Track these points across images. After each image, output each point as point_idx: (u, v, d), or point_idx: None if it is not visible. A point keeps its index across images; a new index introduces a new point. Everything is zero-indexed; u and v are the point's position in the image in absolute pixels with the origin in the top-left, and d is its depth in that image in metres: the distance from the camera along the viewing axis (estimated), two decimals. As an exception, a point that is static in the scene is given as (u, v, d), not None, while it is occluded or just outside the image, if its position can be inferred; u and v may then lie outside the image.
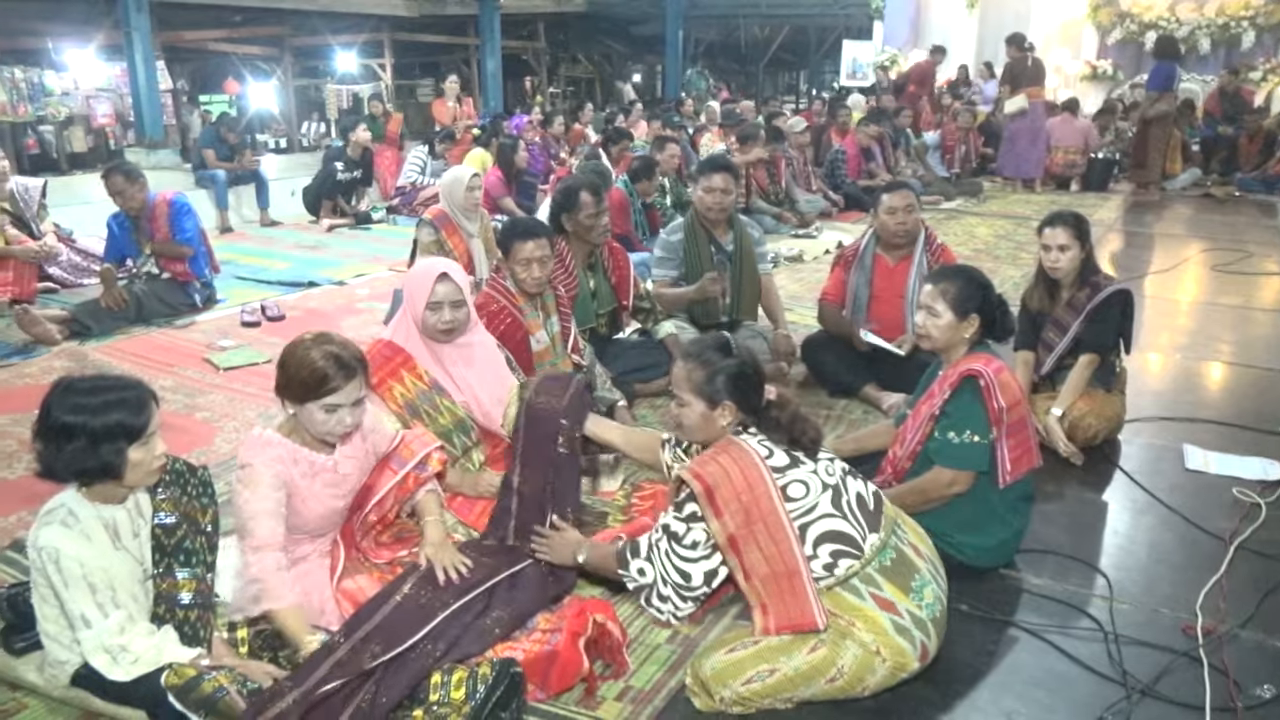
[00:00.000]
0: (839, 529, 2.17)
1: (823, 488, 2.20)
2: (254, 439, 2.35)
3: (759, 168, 8.38)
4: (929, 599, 2.21)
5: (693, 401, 2.28)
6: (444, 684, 2.09)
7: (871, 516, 2.23)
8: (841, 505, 2.20)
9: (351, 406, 2.32)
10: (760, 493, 2.14)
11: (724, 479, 2.15)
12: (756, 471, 2.16)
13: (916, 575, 2.22)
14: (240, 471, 2.31)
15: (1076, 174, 11.23)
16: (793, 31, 22.64)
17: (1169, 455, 3.68)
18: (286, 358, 2.31)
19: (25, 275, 5.76)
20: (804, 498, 2.18)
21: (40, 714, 2.16)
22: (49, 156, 11.47)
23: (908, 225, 4.06)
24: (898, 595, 2.17)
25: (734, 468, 2.16)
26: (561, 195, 4.08)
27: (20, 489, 3.29)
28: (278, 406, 2.39)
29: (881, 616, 2.14)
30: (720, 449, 2.23)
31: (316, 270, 6.81)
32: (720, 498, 2.13)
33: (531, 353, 3.48)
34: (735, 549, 2.15)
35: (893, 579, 2.18)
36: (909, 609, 2.17)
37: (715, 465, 2.17)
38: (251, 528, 2.25)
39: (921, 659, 2.19)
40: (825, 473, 2.23)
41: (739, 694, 2.14)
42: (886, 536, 2.21)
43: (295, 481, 2.33)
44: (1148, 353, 4.99)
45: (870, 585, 2.16)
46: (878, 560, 2.17)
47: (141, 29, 9.77)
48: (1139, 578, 2.80)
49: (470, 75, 16.28)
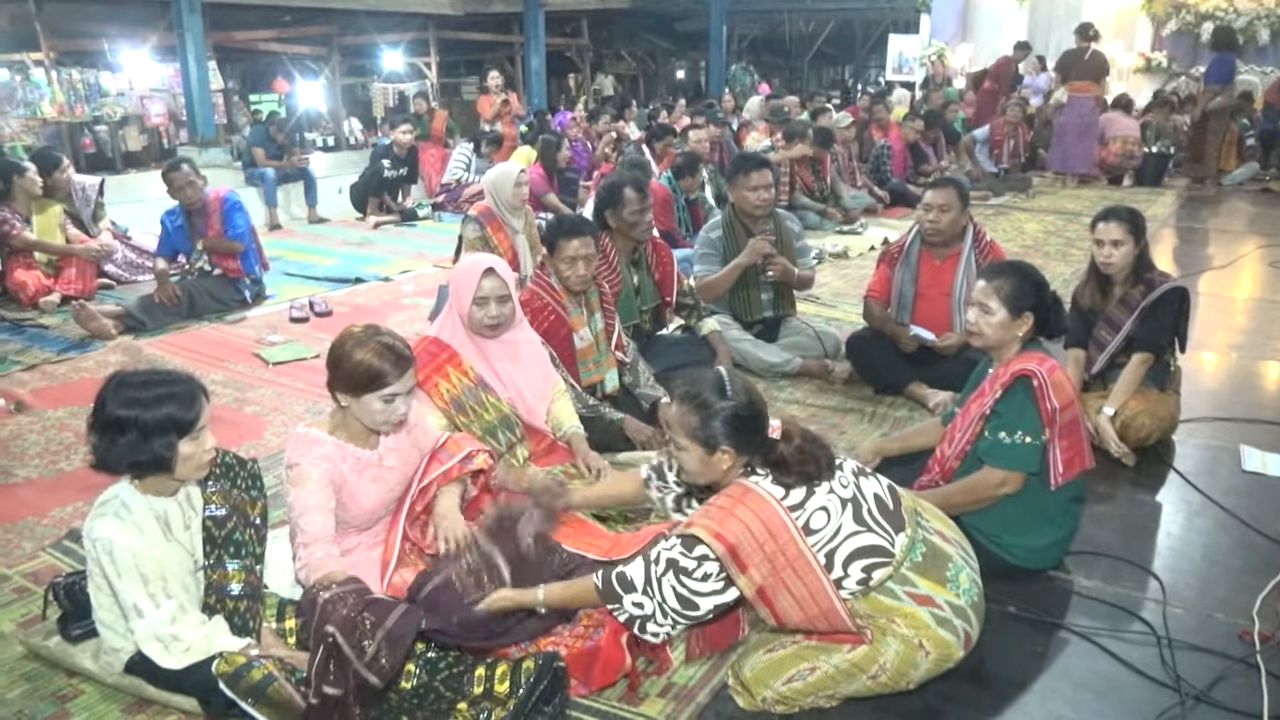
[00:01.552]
0: (867, 543, 2.06)
1: (842, 505, 2.06)
2: (300, 437, 2.38)
3: (804, 164, 8.31)
4: (965, 584, 2.16)
5: (689, 446, 2.11)
6: (488, 678, 2.11)
7: (893, 516, 2.13)
8: (864, 517, 2.08)
9: (405, 396, 2.35)
10: (784, 540, 2.00)
11: (745, 535, 1.98)
12: (777, 519, 2.01)
13: (950, 564, 2.16)
14: (289, 471, 2.34)
15: (1132, 166, 10.99)
16: (838, 26, 22.45)
17: (1225, 456, 3.59)
18: (338, 353, 2.33)
19: (86, 273, 5.92)
20: (826, 525, 2.04)
21: (95, 700, 2.21)
22: (104, 156, 11.72)
23: (940, 224, 3.99)
24: (935, 588, 2.11)
25: (753, 520, 1.99)
26: (606, 192, 4.09)
27: (76, 480, 3.37)
28: (326, 401, 2.42)
29: (920, 611, 2.09)
30: (734, 499, 2.04)
31: (363, 266, 6.89)
32: (744, 553, 1.98)
33: (575, 350, 3.49)
34: (765, 599, 2.02)
35: (927, 573, 2.12)
36: (948, 600, 2.12)
37: (735, 522, 1.99)
38: (303, 525, 2.29)
39: (965, 647, 2.14)
40: (840, 486, 2.09)
41: (780, 693, 2.13)
42: (913, 531, 2.13)
43: (343, 477, 2.36)
44: (1203, 351, 4.88)
45: (905, 585, 2.10)
46: (909, 558, 2.11)
47: (194, 30, 9.93)
48: (1193, 581, 2.74)
49: (514, 73, 16.36)
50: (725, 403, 2.08)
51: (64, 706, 2.19)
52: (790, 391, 4.23)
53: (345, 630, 1.97)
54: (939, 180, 4.30)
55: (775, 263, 4.39)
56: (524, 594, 2.20)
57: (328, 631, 1.97)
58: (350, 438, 2.41)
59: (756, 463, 2.10)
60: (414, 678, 2.14)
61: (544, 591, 2.19)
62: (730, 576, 2.00)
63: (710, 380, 2.14)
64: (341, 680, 1.96)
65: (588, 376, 3.53)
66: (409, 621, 2.05)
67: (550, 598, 2.19)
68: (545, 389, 3.15)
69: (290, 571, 2.55)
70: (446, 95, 16.84)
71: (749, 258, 4.30)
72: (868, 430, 3.81)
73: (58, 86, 10.80)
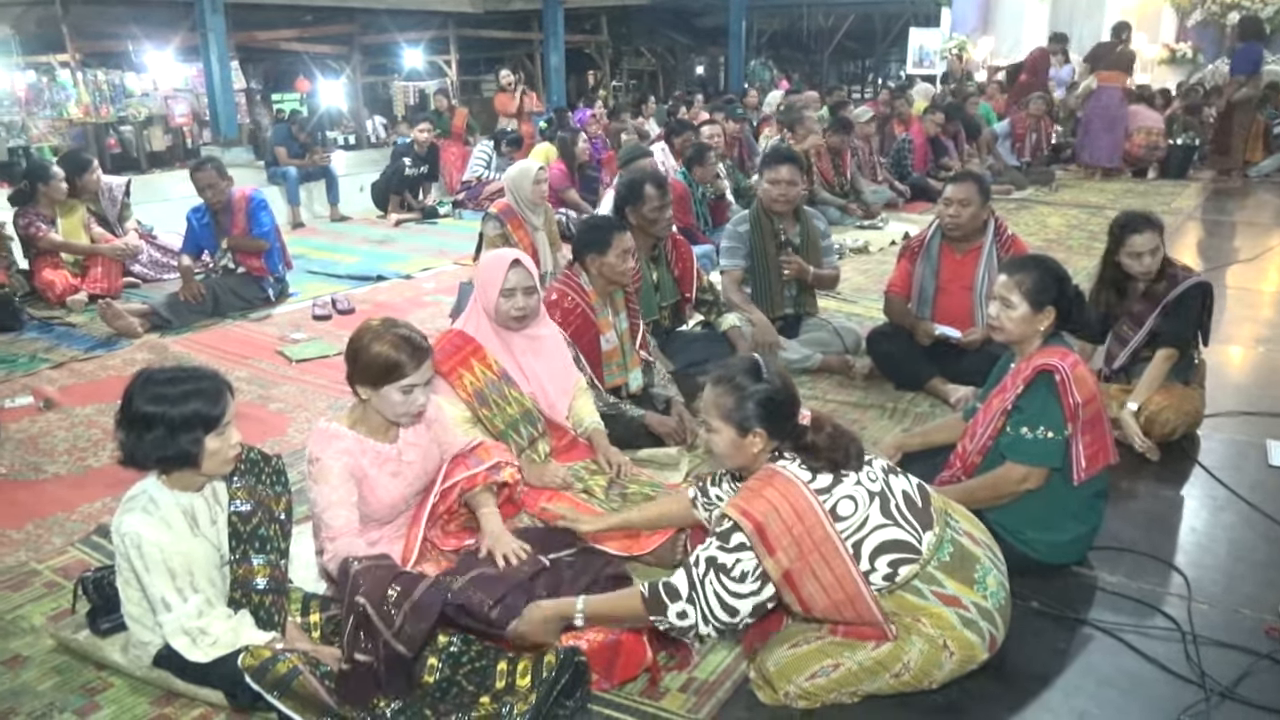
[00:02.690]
0: (894, 537, 2.07)
1: (869, 497, 2.08)
2: (320, 432, 2.41)
3: (823, 158, 8.28)
4: (993, 587, 2.16)
5: (722, 428, 2.15)
6: (510, 672, 2.12)
7: (922, 514, 2.13)
8: (891, 511, 2.09)
9: (424, 386, 2.38)
10: (811, 522, 2.02)
11: (773, 514, 2.01)
12: (804, 500, 2.04)
13: (978, 565, 2.15)
14: (310, 466, 2.37)
15: (1157, 158, 10.87)
16: (858, 20, 22.34)
17: (1251, 451, 3.56)
18: (356, 346, 2.37)
19: (112, 272, 5.99)
20: (854, 514, 2.05)
21: (124, 692, 2.25)
22: (129, 156, 11.83)
23: (960, 219, 3.98)
24: (961, 589, 2.11)
25: (781, 501, 2.03)
26: (626, 188, 4.09)
27: (104, 476, 3.42)
28: (348, 398, 2.45)
29: (947, 612, 2.09)
30: (763, 481, 2.08)
31: (385, 264, 6.93)
32: (772, 534, 2.00)
33: (601, 352, 3.50)
34: (791, 584, 2.03)
35: (954, 573, 2.12)
36: (974, 601, 2.11)
37: (762, 501, 2.03)
38: (327, 519, 2.33)
39: (990, 649, 2.14)
40: (869, 480, 2.10)
41: (803, 689, 2.13)
42: (941, 531, 2.13)
43: (364, 470, 2.39)
44: (1229, 345, 4.83)
45: (932, 584, 2.09)
46: (937, 557, 2.10)
47: (217, 30, 10.01)
48: (1219, 577, 2.72)
49: (534, 70, 16.39)
50: (759, 386, 2.13)
51: (93, 699, 2.23)
52: (811, 387, 4.22)
53: (374, 601, 2.02)
54: (959, 175, 4.27)
55: (790, 261, 4.39)
56: (562, 604, 2.18)
57: (358, 602, 2.02)
58: (370, 432, 2.43)
59: (786, 448, 2.13)
60: (437, 671, 2.16)
61: (583, 602, 2.16)
62: (761, 564, 2.02)
63: (745, 364, 2.20)
64: (372, 649, 2.01)
65: (611, 379, 3.54)
66: (436, 594, 2.08)
67: (591, 609, 2.15)
68: (567, 384, 3.16)
69: (314, 566, 2.58)
70: (466, 93, 16.88)
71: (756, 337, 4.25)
72: (889, 426, 3.80)
73: (83, 88, 10.90)
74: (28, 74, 11.08)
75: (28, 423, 3.96)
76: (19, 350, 4.96)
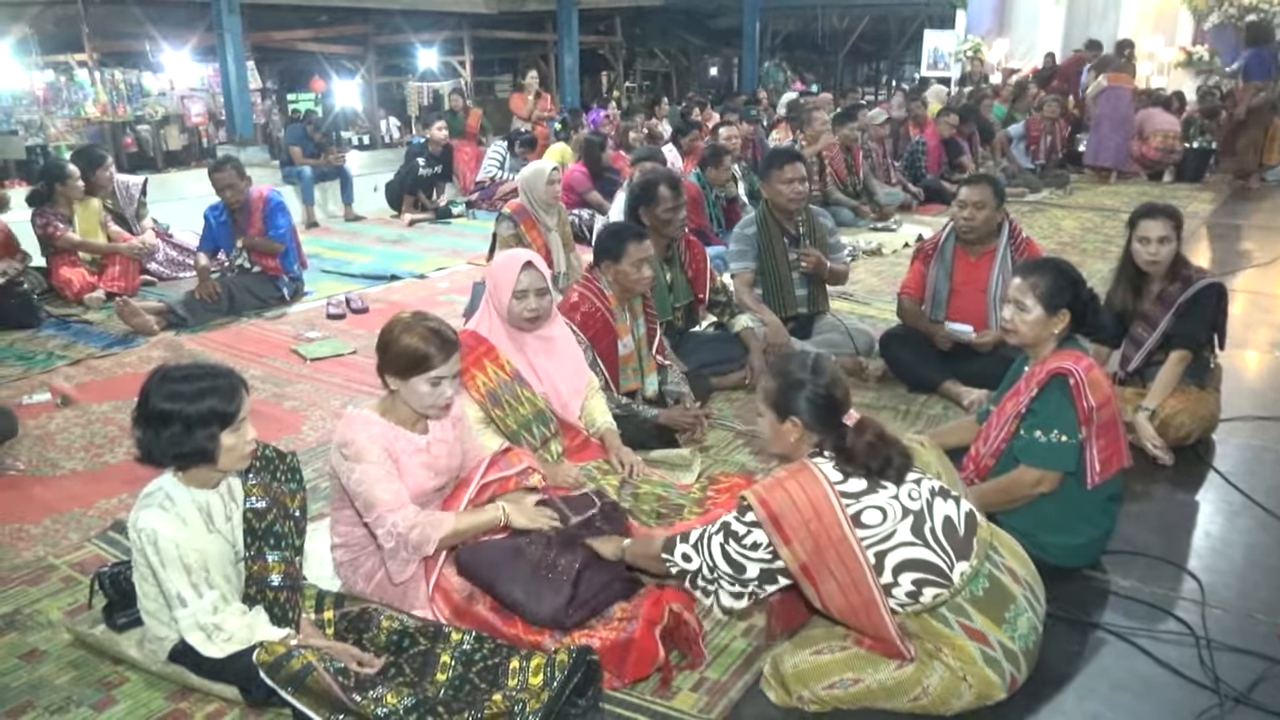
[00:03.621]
0: (921, 557, 2.03)
1: (903, 514, 2.04)
2: (353, 417, 2.41)
3: (836, 158, 8.27)
4: (1023, 629, 2.11)
5: (766, 412, 2.22)
6: (522, 669, 2.13)
7: (961, 543, 2.08)
8: (924, 532, 2.05)
9: (452, 379, 2.40)
10: (829, 520, 2.01)
11: (789, 506, 2.03)
12: (825, 499, 2.03)
13: (1012, 605, 2.10)
14: (345, 449, 2.35)
15: (1173, 162, 10.81)
16: (873, 21, 22.29)
17: (1267, 456, 3.54)
18: (387, 338, 2.39)
19: (129, 270, 6.03)
20: (880, 525, 2.03)
21: (140, 687, 2.26)
22: (146, 155, 11.92)
23: (974, 222, 3.97)
24: (989, 626, 2.06)
25: (800, 494, 2.04)
26: (640, 189, 4.10)
27: (121, 472, 3.44)
28: (362, 396, 2.46)
29: (971, 646, 2.05)
30: (790, 473, 2.11)
31: (398, 264, 6.96)
32: (788, 525, 2.02)
33: (618, 356, 3.51)
34: (809, 577, 2.04)
35: (985, 610, 2.07)
36: (1001, 640, 2.06)
37: (781, 491, 2.06)
38: (375, 497, 2.31)
39: (1009, 689, 2.10)
40: (908, 497, 2.07)
41: (819, 696, 2.13)
42: (979, 564, 2.08)
43: (396, 455, 2.39)
44: (1245, 350, 4.80)
45: (960, 615, 2.05)
46: (969, 590, 2.06)
47: (233, 30, 10.07)
48: (1233, 581, 2.71)
49: (548, 71, 16.41)
50: (805, 376, 2.17)
51: (109, 693, 2.24)
52: (823, 389, 4.21)
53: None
54: (974, 177, 4.27)
55: (808, 254, 4.39)
56: (605, 543, 2.41)
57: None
58: (400, 422, 2.44)
59: (826, 445, 2.15)
60: (449, 669, 2.17)
61: (628, 541, 2.40)
62: (776, 548, 2.04)
63: (800, 357, 2.27)
64: None
65: (626, 383, 3.55)
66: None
67: (631, 550, 2.37)
68: (580, 385, 3.17)
69: (328, 563, 2.60)
70: (480, 93, 16.93)
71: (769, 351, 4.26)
72: (902, 428, 3.79)
73: (101, 87, 10.99)
74: (46, 73, 11.17)
75: (45, 419, 3.99)
76: (37, 347, 5.00)
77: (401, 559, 2.34)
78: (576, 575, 2.33)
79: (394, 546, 2.32)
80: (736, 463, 3.48)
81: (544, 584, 2.31)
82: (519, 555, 2.37)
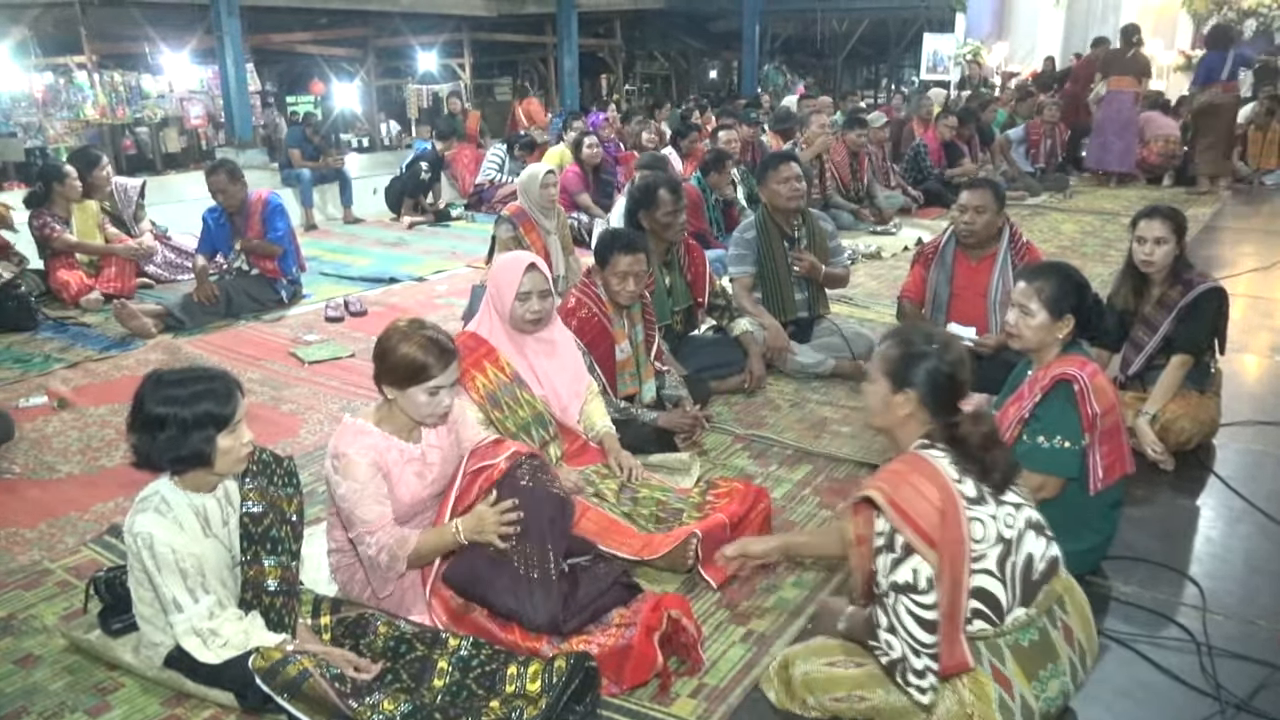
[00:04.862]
0: (990, 589, 1.92)
1: (996, 539, 1.92)
2: (347, 427, 2.40)
3: (842, 163, 8.27)
4: (1052, 692, 1.98)
5: (879, 379, 2.08)
6: (519, 676, 2.12)
7: (1030, 588, 1.97)
8: (1005, 566, 1.94)
9: (450, 388, 2.38)
10: (951, 519, 1.88)
11: (916, 497, 1.88)
12: (952, 499, 1.89)
13: (1052, 664, 1.98)
14: (336, 461, 2.34)
15: (1173, 166, 10.80)
16: (872, 25, 22.28)
17: (1268, 461, 3.53)
18: (384, 346, 2.36)
19: (125, 272, 6.02)
20: (980, 542, 1.90)
21: (136, 693, 2.25)
22: (145, 157, 11.93)
23: (975, 226, 3.97)
24: (1019, 678, 1.95)
25: (927, 486, 1.90)
26: (640, 192, 4.09)
27: (117, 476, 3.43)
28: (360, 400, 2.44)
29: (992, 687, 1.93)
30: (909, 466, 1.95)
31: (397, 266, 6.95)
32: (925, 523, 1.86)
33: (615, 361, 3.50)
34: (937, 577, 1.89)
35: (1022, 661, 1.95)
36: (1025, 694, 1.94)
37: (907, 488, 1.89)
38: (359, 514, 2.31)
39: None
40: (1005, 524, 1.95)
41: (823, 705, 2.10)
42: (1037, 615, 1.97)
43: (388, 467, 2.38)
44: (1245, 354, 4.79)
45: (995, 656, 1.94)
46: (1015, 636, 1.95)
47: (232, 32, 10.06)
48: (1234, 588, 2.70)
49: (547, 74, 16.42)
50: (930, 349, 2.05)
51: (105, 699, 2.23)
52: (824, 392, 4.21)
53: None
54: (975, 181, 4.26)
55: (801, 258, 4.39)
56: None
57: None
58: (395, 430, 2.42)
59: (937, 434, 2.02)
60: (446, 675, 2.16)
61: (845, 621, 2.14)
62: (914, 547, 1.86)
63: (925, 329, 2.16)
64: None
65: (624, 389, 3.54)
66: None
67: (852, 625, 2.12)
68: (579, 388, 3.16)
69: (325, 568, 2.59)
70: (479, 96, 16.93)
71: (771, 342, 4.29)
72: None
73: (100, 89, 10.99)
74: (45, 75, 11.17)
75: (42, 422, 3.98)
76: (34, 350, 4.99)
77: (379, 576, 2.36)
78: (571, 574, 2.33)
79: (370, 566, 2.35)
80: (735, 466, 3.47)
81: (532, 586, 2.29)
82: (498, 563, 2.33)
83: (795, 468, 3.48)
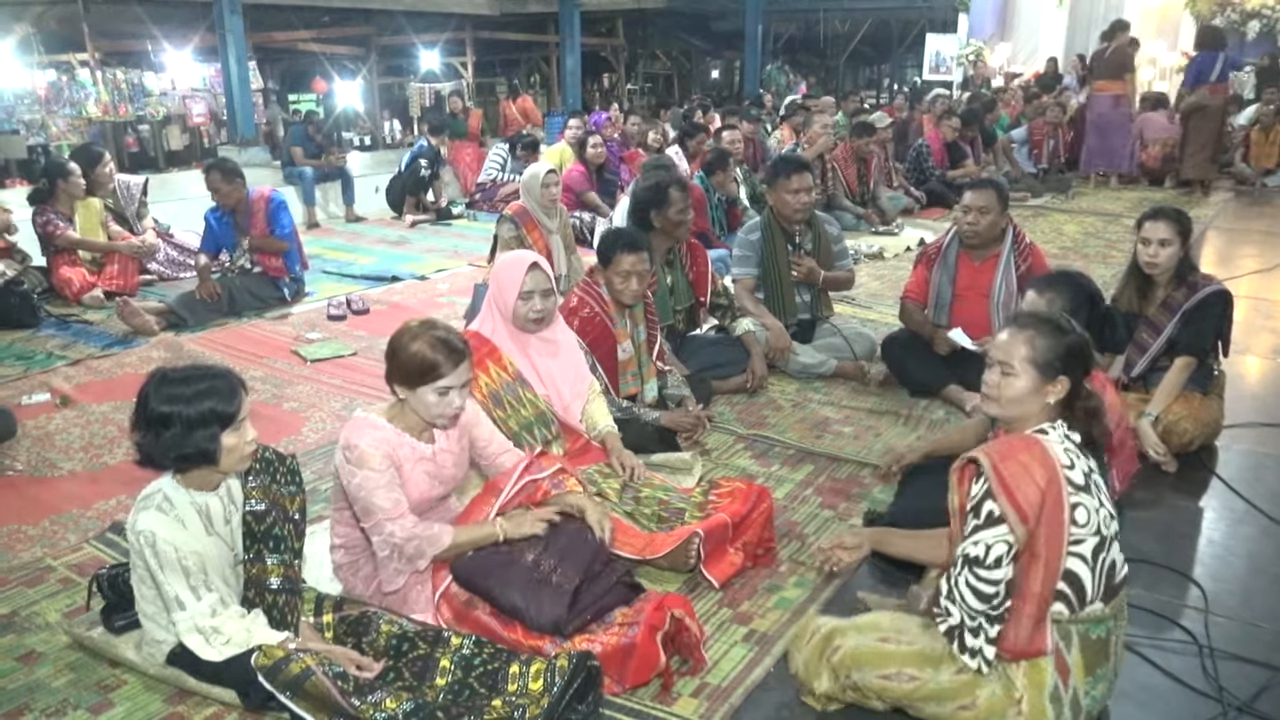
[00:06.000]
0: (1080, 574, 1.93)
1: (1095, 531, 1.94)
2: (358, 421, 2.39)
3: (849, 168, 8.26)
4: (1099, 694, 2.00)
5: (1024, 371, 2.03)
6: (522, 675, 2.12)
7: (1113, 588, 1.99)
8: (1099, 559, 1.95)
9: (460, 389, 2.37)
10: (1053, 501, 1.89)
11: (1021, 473, 1.90)
12: (1056, 483, 1.91)
13: (1104, 666, 2.00)
14: (348, 453, 2.32)
15: (1175, 167, 10.79)
16: (875, 25, 22.31)
17: (1270, 463, 3.53)
18: (395, 345, 2.36)
19: (128, 269, 6.02)
20: (1084, 527, 1.92)
21: (138, 690, 2.25)
22: (147, 154, 11.95)
23: (978, 226, 3.96)
24: (1079, 669, 1.95)
25: (1035, 467, 1.91)
26: (649, 192, 4.09)
27: (119, 473, 3.43)
28: (363, 399, 2.44)
29: (1050, 674, 1.93)
30: (1022, 443, 1.97)
31: (400, 265, 6.95)
32: (1022, 497, 1.88)
33: (617, 361, 3.50)
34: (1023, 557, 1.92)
35: (1086, 653, 1.96)
36: (1078, 687, 1.95)
37: (1015, 463, 1.91)
38: (374, 504, 2.30)
39: None
40: (1104, 523, 1.96)
41: (868, 682, 2.03)
42: (1112, 614, 1.99)
43: (399, 462, 2.38)
44: (1247, 356, 4.79)
45: (1063, 639, 1.94)
46: (1087, 627, 1.95)
47: (235, 30, 10.07)
48: (1236, 590, 2.70)
49: (549, 73, 16.43)
50: (1076, 333, 2.07)
51: (107, 696, 2.23)
52: (826, 393, 4.21)
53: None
54: (978, 181, 4.25)
55: (799, 263, 4.38)
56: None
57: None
58: (407, 428, 2.42)
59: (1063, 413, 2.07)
60: (449, 674, 2.16)
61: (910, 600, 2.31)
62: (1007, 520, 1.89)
63: (1053, 315, 2.16)
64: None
65: (626, 388, 3.54)
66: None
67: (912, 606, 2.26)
68: (581, 388, 3.16)
69: (328, 566, 2.59)
70: (481, 95, 16.94)
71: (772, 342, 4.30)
72: (904, 433, 3.78)
73: (103, 87, 11.01)
74: (48, 72, 11.19)
75: (44, 419, 3.98)
76: (36, 347, 4.99)
77: (393, 569, 2.34)
78: (577, 586, 2.32)
79: (388, 555, 2.32)
80: (738, 466, 3.47)
81: (542, 589, 2.30)
82: (512, 562, 2.36)
83: (797, 468, 3.48)
